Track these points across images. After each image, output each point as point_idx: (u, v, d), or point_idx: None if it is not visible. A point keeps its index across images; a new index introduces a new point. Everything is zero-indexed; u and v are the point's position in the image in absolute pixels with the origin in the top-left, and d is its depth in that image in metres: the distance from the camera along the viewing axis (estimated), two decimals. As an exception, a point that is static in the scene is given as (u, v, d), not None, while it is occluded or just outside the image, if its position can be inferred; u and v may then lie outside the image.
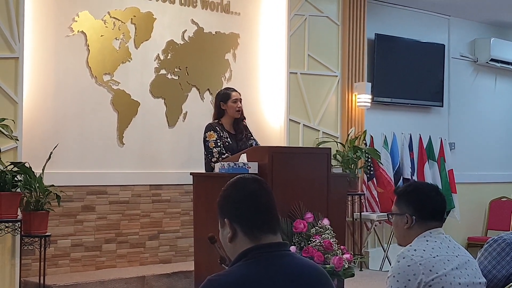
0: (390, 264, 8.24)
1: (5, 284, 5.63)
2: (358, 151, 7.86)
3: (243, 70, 7.57)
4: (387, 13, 9.19)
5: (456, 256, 2.88)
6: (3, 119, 5.60)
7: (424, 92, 9.53)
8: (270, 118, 7.76)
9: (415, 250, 2.85)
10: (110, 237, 6.57)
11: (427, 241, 2.90)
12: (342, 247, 5.17)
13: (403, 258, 2.83)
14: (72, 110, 6.39)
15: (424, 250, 2.84)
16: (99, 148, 6.55)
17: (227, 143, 5.71)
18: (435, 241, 2.90)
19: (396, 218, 3.04)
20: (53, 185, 5.73)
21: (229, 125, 5.85)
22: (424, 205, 2.97)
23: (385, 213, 8.29)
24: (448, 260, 2.84)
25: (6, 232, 5.51)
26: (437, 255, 2.83)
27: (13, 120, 5.71)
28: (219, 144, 5.65)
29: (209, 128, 5.75)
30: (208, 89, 7.28)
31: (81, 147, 6.44)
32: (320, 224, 5.15)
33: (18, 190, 5.59)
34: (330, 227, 5.16)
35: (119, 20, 6.67)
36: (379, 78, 8.88)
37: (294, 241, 5.05)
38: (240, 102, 5.84)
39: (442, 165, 9.45)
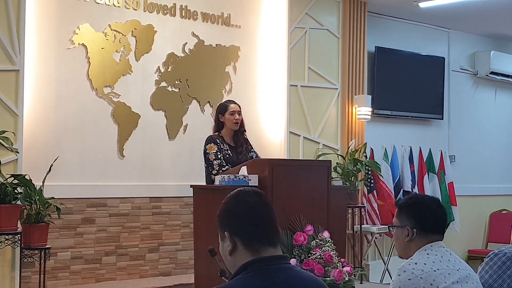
0: (391, 277, 8.24)
1: (5, 296, 5.63)
2: (358, 163, 7.86)
3: (244, 82, 7.59)
4: (387, 26, 9.22)
5: (457, 270, 2.87)
6: (4, 132, 5.61)
7: (424, 104, 9.54)
8: (271, 131, 7.77)
9: (415, 263, 2.84)
10: (110, 250, 6.57)
11: (427, 254, 2.89)
12: (342, 259, 5.16)
13: (404, 271, 2.82)
14: (72, 122, 6.40)
15: (425, 264, 2.83)
16: (99, 161, 6.55)
17: (227, 156, 5.71)
18: (436, 254, 2.89)
19: (397, 231, 3.03)
20: (53, 198, 5.72)
21: (229, 137, 5.84)
22: (425, 217, 2.96)
23: (386, 226, 8.29)
24: (449, 274, 2.83)
25: (6, 244, 5.50)
26: (438, 269, 2.82)
27: (13, 133, 5.71)
28: (219, 156, 5.64)
29: (209, 140, 5.75)
30: (209, 102, 7.29)
31: (81, 160, 6.45)
32: (320, 236, 5.14)
33: (18, 202, 5.59)
34: (330, 239, 5.16)
35: (119, 32, 6.69)
36: (379, 91, 8.89)
37: (294, 253, 5.04)
38: (239, 114, 5.82)
39: (442, 177, 9.45)
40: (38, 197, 5.61)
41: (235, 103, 5.91)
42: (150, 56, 6.90)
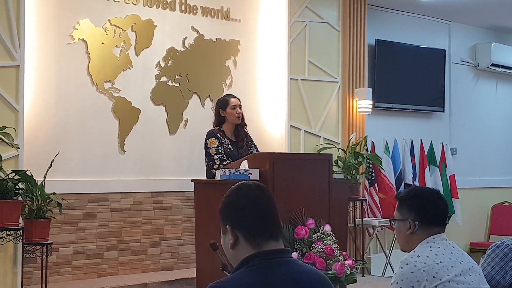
0: (393, 270, 8.24)
1: (7, 292, 5.64)
2: (360, 157, 7.85)
3: (244, 76, 7.58)
4: (387, 19, 9.20)
5: (460, 262, 2.86)
6: (4, 127, 5.60)
7: (425, 97, 9.53)
8: (271, 125, 7.76)
9: (418, 256, 2.83)
10: (111, 245, 6.57)
11: (430, 247, 2.89)
12: (344, 253, 5.16)
13: (406, 264, 2.82)
14: (73, 118, 6.40)
15: (428, 257, 2.82)
16: (100, 156, 6.55)
17: (228, 150, 5.71)
18: (439, 247, 2.89)
19: (399, 224, 3.02)
20: (54, 193, 5.72)
21: (230, 131, 5.84)
22: (427, 210, 2.96)
23: (387, 219, 8.29)
24: (451, 267, 2.82)
25: (8, 240, 5.50)
26: (440, 261, 2.81)
27: (14, 128, 5.71)
28: (220, 151, 5.64)
29: (210, 134, 5.75)
30: (209, 96, 7.29)
31: (82, 155, 6.44)
32: (322, 230, 5.14)
33: (20, 198, 5.58)
34: (332, 233, 5.15)
35: (119, 27, 6.68)
36: (380, 84, 8.88)
37: (296, 247, 5.04)
38: (240, 108, 5.82)
39: (443, 170, 9.45)
40: (39, 193, 5.61)
41: (235, 97, 5.90)
42: (150, 51, 6.89)
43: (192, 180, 5.61)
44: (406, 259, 2.84)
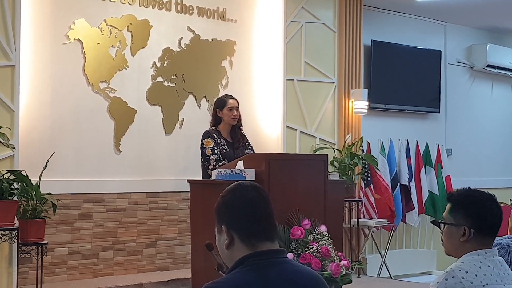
0: (388, 271, 8.25)
1: (2, 292, 5.63)
2: (355, 157, 7.86)
3: (240, 77, 7.57)
4: (383, 20, 9.21)
5: (504, 285, 2.73)
6: (0, 127, 5.60)
7: (420, 98, 9.54)
8: (267, 125, 7.76)
9: (466, 271, 2.70)
10: (107, 245, 6.56)
11: (480, 263, 2.75)
12: (339, 253, 5.16)
13: (452, 277, 2.68)
14: (68, 118, 6.39)
15: (476, 275, 2.69)
16: (95, 156, 6.55)
17: (224, 150, 5.71)
18: (489, 265, 2.75)
19: (451, 229, 2.86)
20: (50, 193, 5.72)
21: (226, 132, 5.85)
22: (485, 219, 2.80)
23: (383, 220, 8.31)
24: None
25: (3, 240, 5.49)
26: (486, 284, 2.69)
27: (9, 128, 5.70)
28: (216, 151, 5.65)
29: (206, 135, 5.75)
30: (205, 96, 7.29)
31: (77, 155, 6.44)
32: (317, 230, 5.14)
33: (15, 198, 5.58)
34: (327, 233, 5.16)
35: (115, 27, 6.68)
36: (375, 85, 8.89)
37: (291, 248, 5.05)
38: (237, 110, 5.83)
39: (439, 171, 9.45)
40: (34, 193, 5.60)
41: (234, 98, 5.92)
42: (146, 51, 6.88)
43: (188, 181, 5.61)
44: (453, 271, 2.71)
